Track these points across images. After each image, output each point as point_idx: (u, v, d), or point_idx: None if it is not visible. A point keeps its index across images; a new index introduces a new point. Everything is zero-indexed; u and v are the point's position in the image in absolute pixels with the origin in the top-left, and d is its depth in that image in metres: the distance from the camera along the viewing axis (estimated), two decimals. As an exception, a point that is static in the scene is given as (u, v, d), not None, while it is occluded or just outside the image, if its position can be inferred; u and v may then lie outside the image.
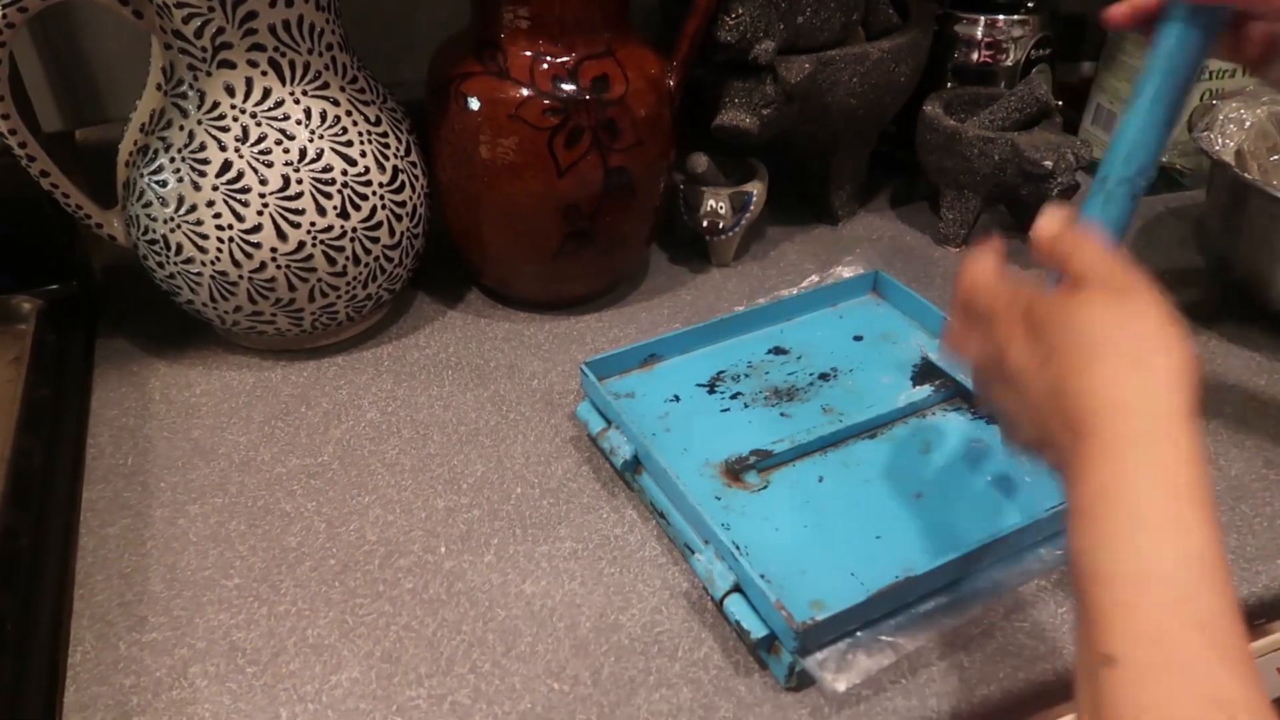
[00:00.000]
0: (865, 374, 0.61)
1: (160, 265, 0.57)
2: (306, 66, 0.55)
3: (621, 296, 0.70)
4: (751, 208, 0.70)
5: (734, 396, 0.59)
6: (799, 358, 0.62)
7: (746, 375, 0.61)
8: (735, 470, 0.53)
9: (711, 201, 0.69)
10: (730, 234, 0.71)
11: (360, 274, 0.59)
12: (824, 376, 0.60)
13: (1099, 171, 0.45)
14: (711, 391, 0.59)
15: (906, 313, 0.66)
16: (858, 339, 0.64)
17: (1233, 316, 0.68)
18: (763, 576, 0.44)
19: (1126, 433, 0.33)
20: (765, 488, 0.52)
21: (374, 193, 0.58)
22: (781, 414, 0.57)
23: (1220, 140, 0.68)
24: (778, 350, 0.63)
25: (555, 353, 0.64)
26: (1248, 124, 0.70)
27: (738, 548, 0.45)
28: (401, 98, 0.63)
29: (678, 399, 0.58)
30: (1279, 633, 0.52)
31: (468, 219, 0.63)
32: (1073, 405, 0.34)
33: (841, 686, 0.42)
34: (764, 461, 0.53)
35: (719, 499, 0.51)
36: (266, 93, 0.54)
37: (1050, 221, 0.41)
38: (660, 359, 0.61)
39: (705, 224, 0.69)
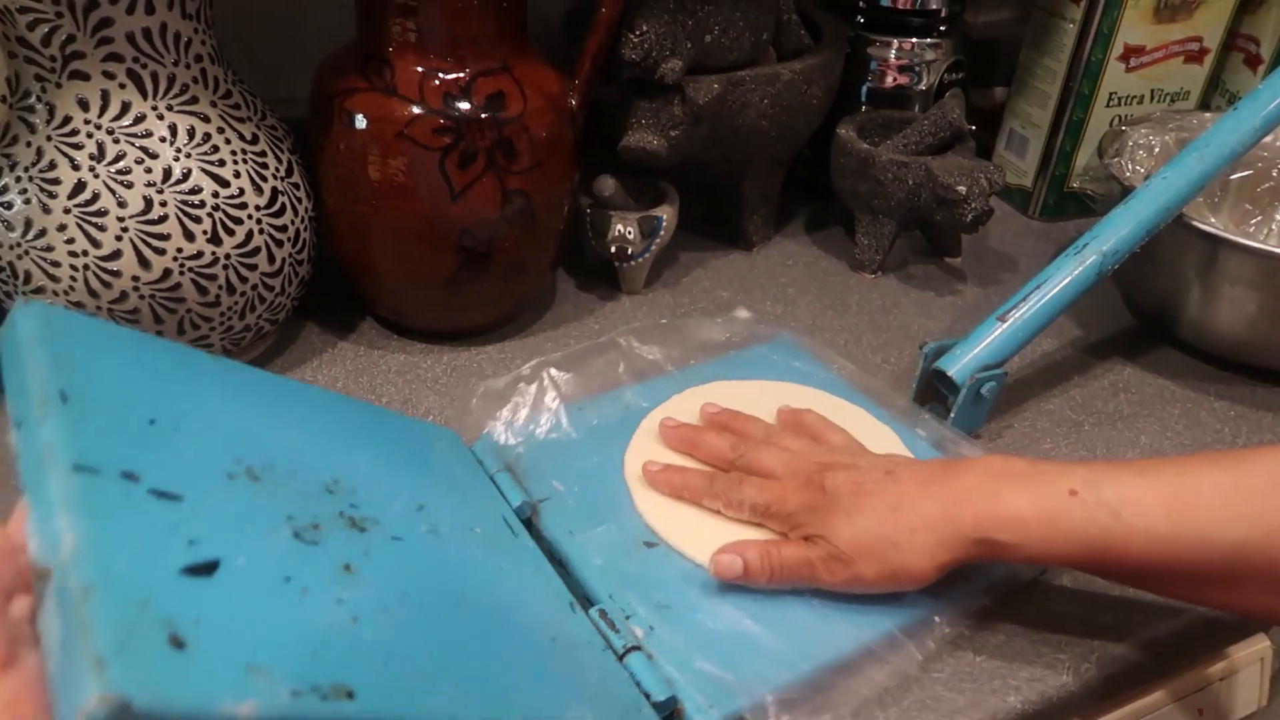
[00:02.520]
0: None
1: (9, 295, 0.52)
2: (172, 79, 0.51)
3: (525, 325, 0.67)
4: (661, 233, 0.67)
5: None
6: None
7: None
8: None
9: (619, 226, 0.66)
10: (639, 260, 0.68)
11: (236, 304, 0.54)
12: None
13: (1081, 238, 0.57)
14: None
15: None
16: None
17: (1145, 345, 0.68)
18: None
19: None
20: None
21: (250, 216, 0.53)
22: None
23: (1130, 166, 0.68)
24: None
25: (453, 386, 0.60)
26: (1156, 150, 0.70)
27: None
28: (289, 115, 0.59)
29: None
30: (1197, 671, 0.50)
31: (357, 244, 0.59)
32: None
33: None
34: None
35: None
36: (125, 107, 0.50)
37: None
38: None
39: (613, 249, 0.66)
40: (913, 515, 0.42)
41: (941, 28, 0.79)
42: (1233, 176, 0.72)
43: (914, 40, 0.78)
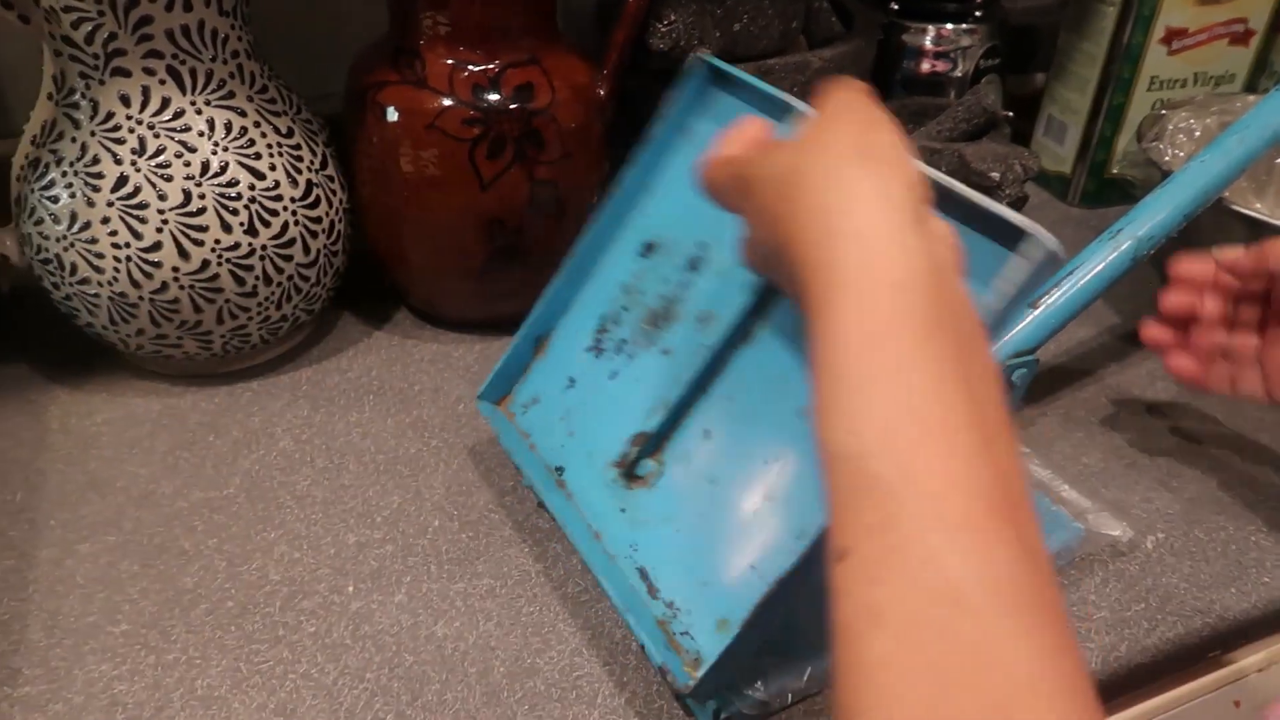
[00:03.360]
0: (733, 235, 0.41)
1: (56, 286, 0.54)
2: (209, 75, 0.52)
3: (557, 315, 0.67)
4: (691, 222, 0.67)
5: (619, 349, 0.47)
6: (668, 249, 0.47)
7: (625, 308, 0.48)
8: (629, 470, 0.45)
9: (649, 216, 0.66)
10: (670, 249, 0.68)
11: (273, 294, 0.56)
12: (693, 265, 0.45)
13: (1116, 223, 0.55)
14: (599, 353, 0.48)
15: (765, 113, 0.44)
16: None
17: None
18: (670, 605, 0.40)
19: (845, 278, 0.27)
20: (662, 475, 0.44)
21: (285, 208, 0.54)
22: (663, 352, 0.45)
23: (1170, 151, 0.67)
24: (648, 248, 0.48)
25: (484, 375, 0.60)
26: (1197, 134, 0.69)
27: (645, 574, 0.41)
28: (325, 111, 0.60)
29: (572, 383, 0.49)
30: (1234, 665, 0.49)
31: (390, 235, 0.60)
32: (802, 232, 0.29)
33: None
34: (649, 446, 0.44)
35: (624, 510, 0.44)
36: (165, 102, 0.51)
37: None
38: (548, 336, 0.52)
39: (643, 239, 0.67)
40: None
41: (978, 13, 0.78)
42: (1278, 160, 0.70)
43: (950, 26, 0.77)
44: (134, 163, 0.51)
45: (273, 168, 0.54)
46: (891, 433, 0.25)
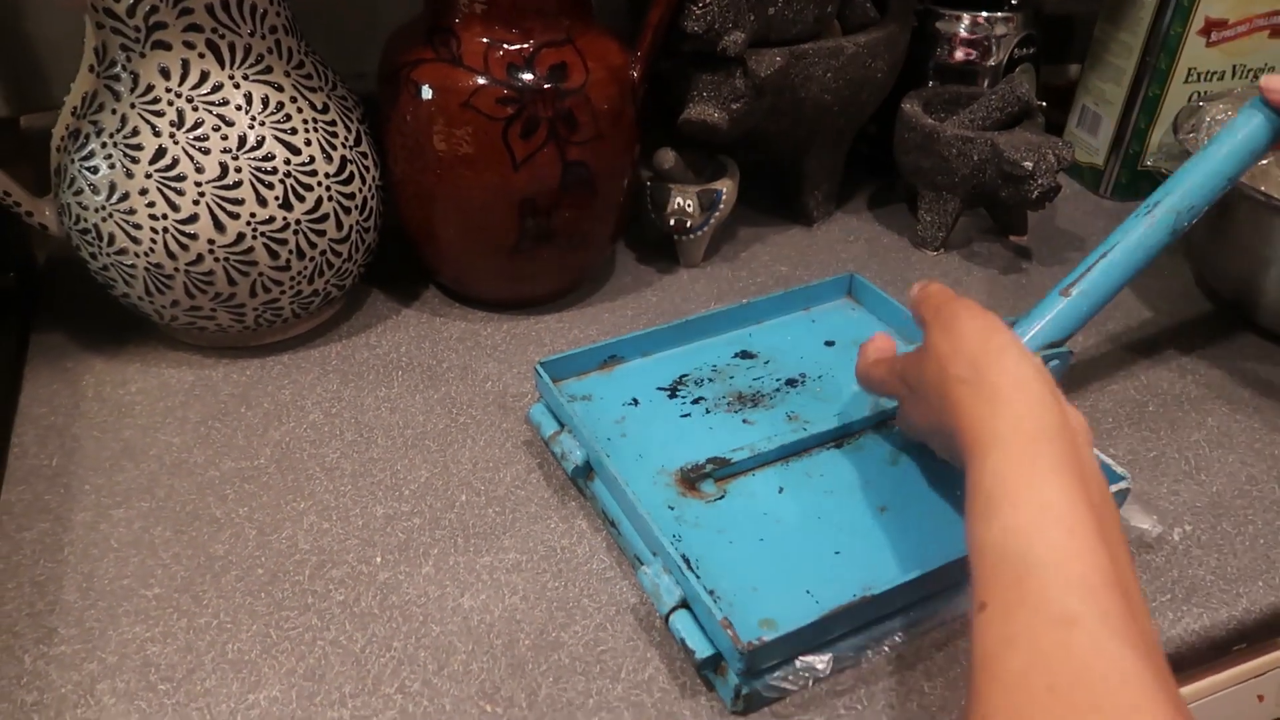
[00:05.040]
0: (835, 380, 0.58)
1: (93, 256, 0.55)
2: (248, 49, 0.52)
3: (584, 296, 0.67)
4: (721, 206, 0.67)
5: (696, 401, 0.56)
6: (766, 362, 0.59)
7: (710, 380, 0.58)
8: (691, 479, 0.50)
9: (679, 199, 0.66)
10: (698, 234, 0.68)
11: (305, 268, 0.56)
12: (791, 383, 0.58)
13: (1150, 197, 0.52)
14: (672, 396, 0.56)
15: (881, 318, 0.63)
16: (829, 344, 0.61)
17: (1219, 329, 0.66)
18: (711, 593, 0.41)
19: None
20: (721, 498, 0.49)
21: (319, 183, 0.55)
22: (744, 420, 0.55)
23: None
24: (745, 354, 0.60)
25: (512, 354, 0.62)
26: (1235, 126, 0.68)
27: (687, 561, 0.42)
28: (365, 89, 0.61)
29: (636, 403, 0.56)
30: (1259, 659, 0.49)
31: (422, 213, 0.61)
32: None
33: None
34: (721, 470, 0.50)
35: (672, 509, 0.49)
36: (204, 76, 0.52)
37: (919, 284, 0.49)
38: (620, 361, 0.58)
39: (672, 222, 0.67)
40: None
41: (1013, 2, 0.77)
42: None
43: (984, 14, 0.77)
44: (172, 135, 0.51)
45: (308, 143, 0.54)
46: (1029, 524, 0.33)
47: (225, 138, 0.52)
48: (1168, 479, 0.53)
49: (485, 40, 0.55)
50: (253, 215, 0.53)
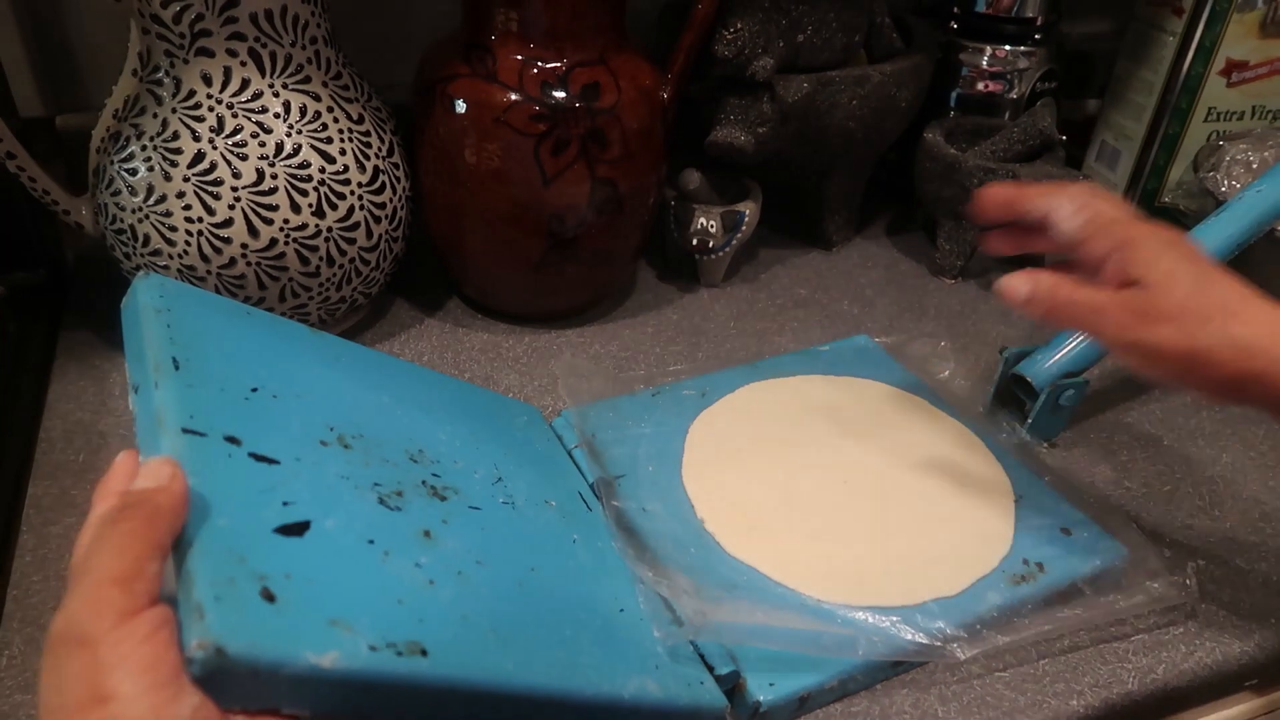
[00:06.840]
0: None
1: (127, 256, 0.55)
2: (288, 59, 0.53)
3: (606, 312, 0.68)
4: (743, 228, 0.68)
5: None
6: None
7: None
8: None
9: (702, 219, 0.67)
10: (720, 254, 0.69)
11: (334, 275, 0.57)
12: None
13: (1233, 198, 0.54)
14: None
15: None
16: None
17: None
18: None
19: None
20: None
21: (352, 192, 0.56)
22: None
23: (1226, 182, 0.67)
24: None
25: (533, 366, 0.62)
26: (1255, 166, 0.69)
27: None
28: (394, 100, 0.62)
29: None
30: (1268, 696, 0.49)
31: (450, 225, 0.62)
32: None
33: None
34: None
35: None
36: (245, 83, 0.53)
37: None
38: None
39: (695, 242, 0.68)
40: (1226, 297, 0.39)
41: (1036, 36, 0.78)
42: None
43: (1008, 48, 0.78)
44: (211, 140, 0.52)
45: (343, 152, 0.55)
46: None
47: (263, 144, 0.53)
48: (1182, 513, 0.53)
49: (520, 57, 0.56)
50: (286, 221, 0.54)
